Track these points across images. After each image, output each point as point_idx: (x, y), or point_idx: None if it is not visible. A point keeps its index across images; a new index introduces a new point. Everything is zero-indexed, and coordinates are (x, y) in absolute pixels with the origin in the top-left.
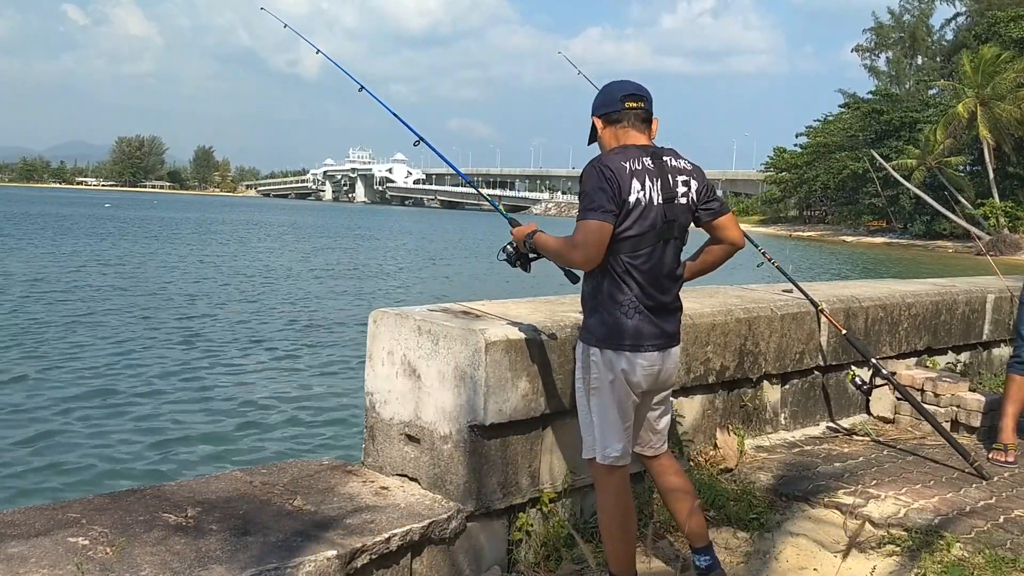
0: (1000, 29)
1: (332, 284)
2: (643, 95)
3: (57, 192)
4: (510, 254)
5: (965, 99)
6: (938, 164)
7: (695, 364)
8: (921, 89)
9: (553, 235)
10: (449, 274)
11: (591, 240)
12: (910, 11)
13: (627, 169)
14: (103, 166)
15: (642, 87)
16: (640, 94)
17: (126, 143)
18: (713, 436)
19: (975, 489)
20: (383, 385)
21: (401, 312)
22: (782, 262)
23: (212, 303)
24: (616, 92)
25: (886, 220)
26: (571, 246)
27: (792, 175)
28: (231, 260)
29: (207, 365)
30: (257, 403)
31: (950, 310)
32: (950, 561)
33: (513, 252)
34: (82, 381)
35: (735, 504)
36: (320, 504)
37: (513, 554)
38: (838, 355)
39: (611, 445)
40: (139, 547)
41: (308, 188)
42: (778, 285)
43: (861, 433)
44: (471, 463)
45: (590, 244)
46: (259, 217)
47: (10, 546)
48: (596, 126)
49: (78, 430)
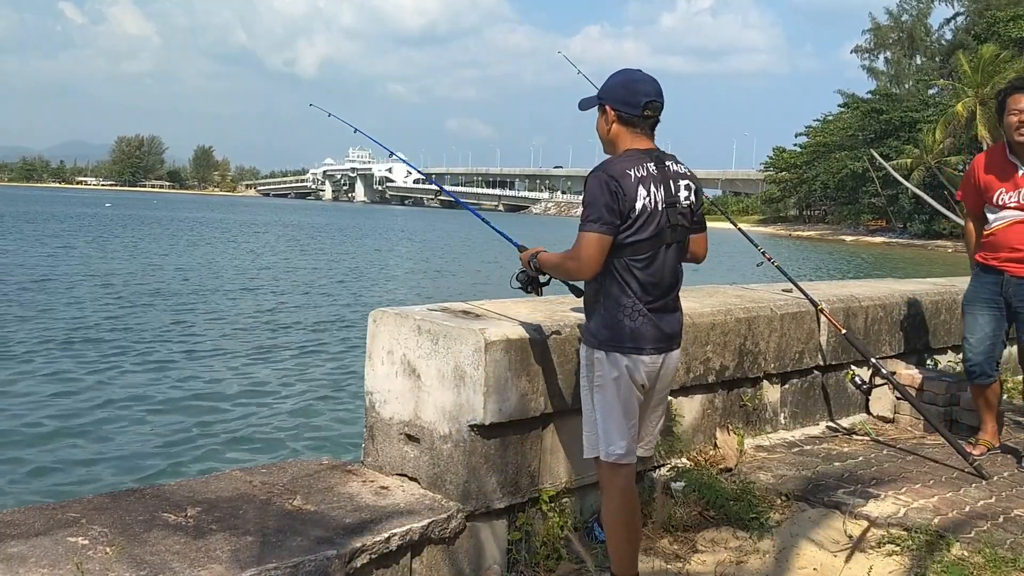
0: (999, 28)
1: (332, 283)
2: (661, 101)
3: (57, 192)
4: (523, 281)
5: (964, 99)
6: (937, 163)
7: (695, 363)
8: (921, 89)
9: (553, 252)
10: (449, 273)
11: (590, 254)
12: (908, 11)
13: (632, 177)
14: (103, 166)
15: (660, 89)
16: (660, 101)
17: (126, 143)
18: (713, 436)
19: (975, 489)
20: (383, 385)
21: (401, 311)
22: (782, 262)
23: (211, 302)
24: (640, 96)
25: (885, 220)
26: (571, 259)
27: (792, 175)
28: (230, 260)
29: (206, 364)
30: (257, 402)
31: (950, 309)
32: (950, 560)
33: (524, 278)
34: (82, 381)
35: (735, 504)
36: (320, 504)
37: (513, 553)
38: (838, 354)
39: (615, 443)
40: (139, 547)
41: (308, 188)
42: (778, 284)
43: (861, 433)
44: (471, 463)
45: (589, 257)
46: (259, 217)
47: (10, 546)
48: (607, 113)
49: (78, 430)
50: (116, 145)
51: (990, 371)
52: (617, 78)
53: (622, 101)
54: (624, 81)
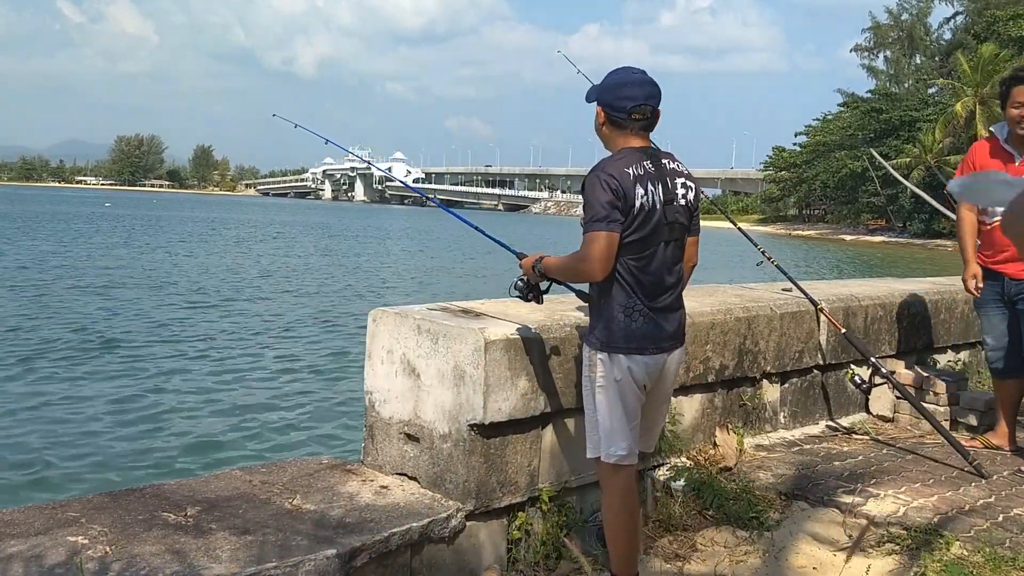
0: (999, 28)
1: (331, 283)
2: (652, 105)
3: (58, 192)
4: (521, 289)
5: (964, 98)
6: (937, 163)
7: (694, 363)
8: (920, 88)
9: (558, 256)
10: (448, 273)
11: (600, 253)
12: (908, 10)
13: (631, 175)
14: (102, 165)
15: (652, 88)
16: (650, 104)
17: (125, 142)
18: (713, 435)
19: (974, 488)
20: (382, 384)
21: (400, 311)
22: (781, 261)
23: (211, 302)
24: (626, 101)
25: (885, 219)
26: (581, 260)
27: (791, 174)
28: (231, 259)
29: (206, 364)
30: (256, 402)
31: (949, 309)
32: (949, 560)
33: (524, 286)
34: (81, 380)
35: (734, 503)
36: (319, 503)
37: (513, 553)
38: (837, 354)
39: (617, 444)
40: (138, 546)
41: (307, 187)
42: (777, 284)
43: (860, 432)
44: (470, 462)
45: (600, 257)
46: (259, 217)
47: (9, 545)
48: (599, 113)
49: (78, 429)
50: (116, 144)
51: (1013, 367)
52: (610, 79)
53: (608, 104)
54: (614, 84)
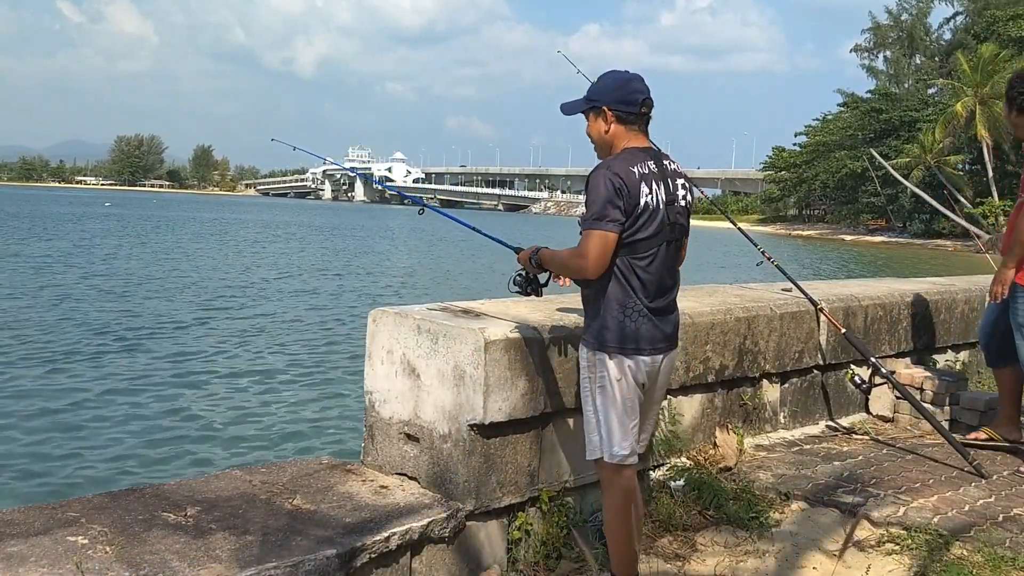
0: (999, 28)
1: (331, 283)
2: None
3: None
4: (520, 283)
5: (964, 98)
6: (937, 163)
7: (694, 363)
8: (920, 88)
9: (556, 249)
10: (448, 273)
11: (596, 252)
12: (908, 11)
13: (636, 174)
14: (102, 165)
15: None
16: (651, 99)
17: (125, 142)
18: (713, 435)
19: (974, 488)
20: (382, 384)
21: (400, 311)
22: (781, 261)
23: (210, 302)
24: (637, 94)
25: (885, 219)
26: (577, 256)
27: (791, 174)
28: (230, 259)
29: (206, 364)
30: (256, 402)
31: (949, 309)
32: (949, 560)
33: (522, 280)
34: (81, 380)
35: (734, 503)
36: (319, 503)
37: (513, 553)
38: (837, 354)
39: (618, 444)
40: (138, 546)
41: (307, 187)
42: (777, 284)
43: (860, 432)
44: (470, 462)
45: (595, 255)
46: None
47: (10, 545)
48: (606, 115)
49: (78, 429)
50: (116, 144)
51: None
52: (610, 80)
53: (620, 101)
54: (618, 82)
